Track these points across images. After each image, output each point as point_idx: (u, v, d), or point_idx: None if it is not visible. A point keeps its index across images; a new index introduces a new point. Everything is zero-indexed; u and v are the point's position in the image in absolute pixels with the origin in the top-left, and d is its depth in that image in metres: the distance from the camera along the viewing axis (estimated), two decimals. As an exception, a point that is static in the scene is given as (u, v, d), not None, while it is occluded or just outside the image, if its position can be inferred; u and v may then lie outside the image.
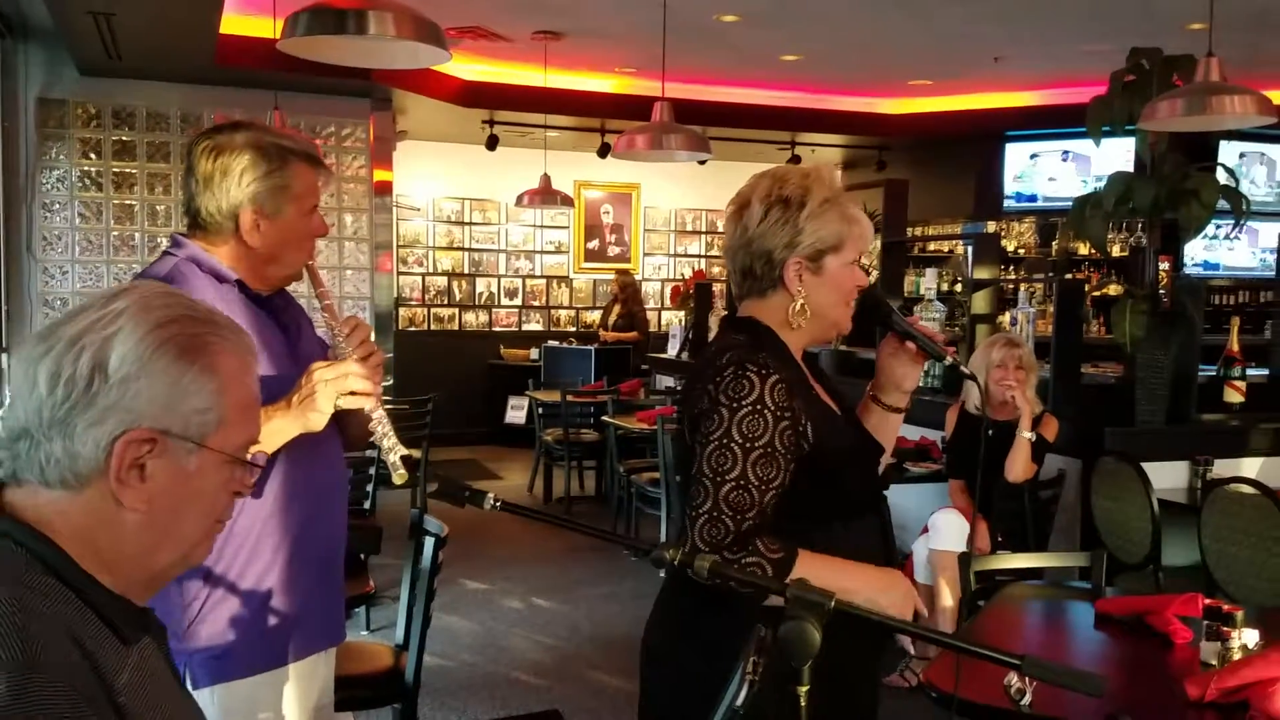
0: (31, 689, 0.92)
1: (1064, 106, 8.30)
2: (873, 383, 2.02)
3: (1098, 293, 8.56)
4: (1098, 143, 4.86)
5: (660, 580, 1.95)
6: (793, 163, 8.88)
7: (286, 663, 1.96)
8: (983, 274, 6.08)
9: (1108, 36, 6.50)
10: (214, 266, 1.92)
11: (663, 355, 9.09)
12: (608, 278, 11.13)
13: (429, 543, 3.08)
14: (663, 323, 11.29)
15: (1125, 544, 4.23)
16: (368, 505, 4.65)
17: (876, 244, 7.40)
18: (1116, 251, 8.42)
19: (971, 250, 6.30)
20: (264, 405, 1.44)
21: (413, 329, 10.63)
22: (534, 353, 10.61)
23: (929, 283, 6.60)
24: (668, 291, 11.41)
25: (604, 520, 7.22)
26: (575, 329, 11.29)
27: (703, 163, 7.31)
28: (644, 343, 10.18)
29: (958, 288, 8.82)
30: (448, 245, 10.84)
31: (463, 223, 10.87)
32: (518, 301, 11.20)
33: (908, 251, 8.95)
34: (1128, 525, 4.22)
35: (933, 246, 10.09)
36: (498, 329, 11.10)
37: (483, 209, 10.91)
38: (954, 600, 4.16)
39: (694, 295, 8.45)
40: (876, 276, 7.28)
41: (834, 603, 1.24)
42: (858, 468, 1.87)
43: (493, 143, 9.18)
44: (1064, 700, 2.09)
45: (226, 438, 1.11)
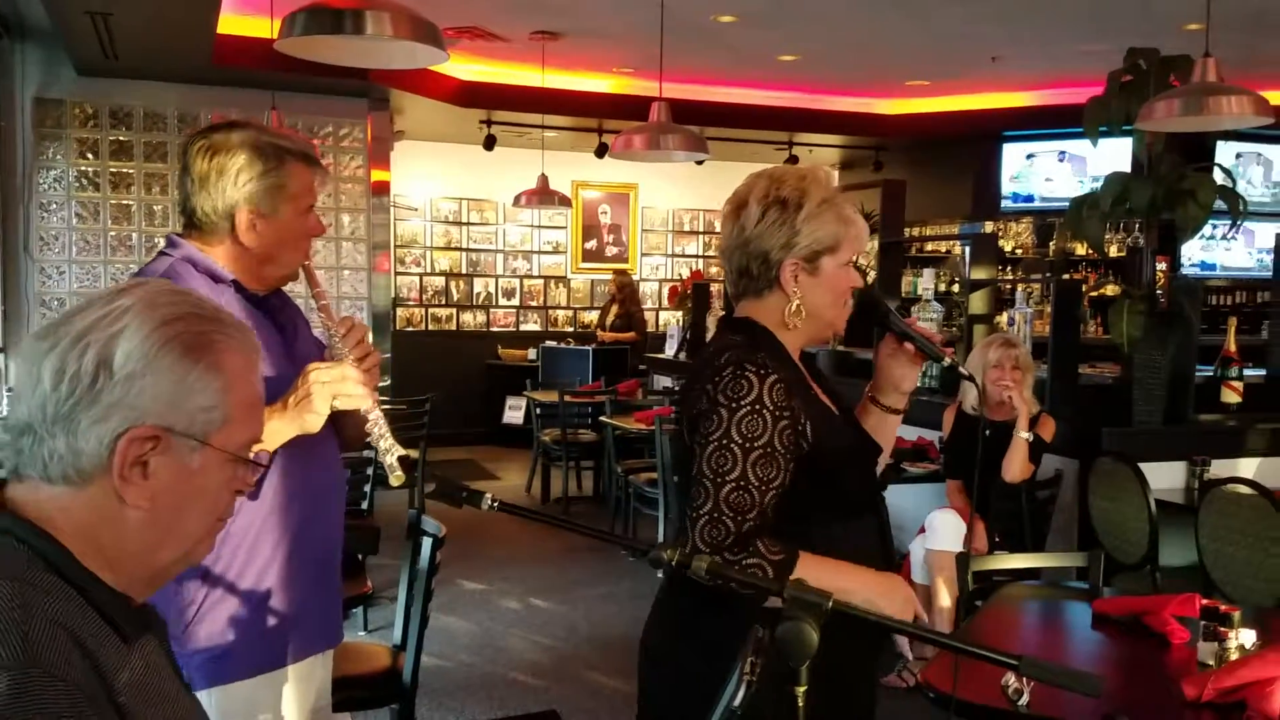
0: (31, 688, 0.92)
1: (1061, 107, 8.31)
2: (871, 384, 2.02)
3: (1095, 293, 8.55)
4: (1095, 143, 4.87)
5: (658, 580, 1.95)
6: (790, 163, 8.92)
7: (284, 664, 1.95)
8: (980, 274, 6.08)
9: (1105, 37, 6.50)
10: (210, 267, 1.92)
11: (660, 355, 9.09)
12: (605, 278, 11.14)
13: (427, 543, 3.08)
14: (660, 323, 11.29)
15: (1122, 544, 4.24)
16: (365, 505, 4.65)
17: (874, 244, 7.41)
18: (1114, 252, 8.41)
19: (969, 250, 6.30)
20: None
21: (410, 329, 10.62)
22: (532, 353, 10.61)
23: (926, 283, 6.61)
24: (665, 292, 11.40)
25: (602, 520, 7.21)
26: (573, 329, 11.29)
27: (700, 163, 7.32)
28: (642, 343, 10.18)
29: (955, 288, 8.82)
30: (445, 245, 10.84)
31: (460, 223, 10.87)
32: (515, 302, 11.20)
33: (905, 252, 8.95)
34: (1125, 525, 4.23)
35: (930, 247, 10.09)
36: (495, 329, 11.10)
37: (480, 209, 10.91)
38: (951, 600, 4.16)
39: (691, 295, 8.45)
40: (874, 277, 7.29)
41: (831, 603, 1.25)
42: (856, 468, 1.87)
43: (490, 143, 9.18)
44: (1061, 700, 2.10)
45: (230, 436, 1.11)
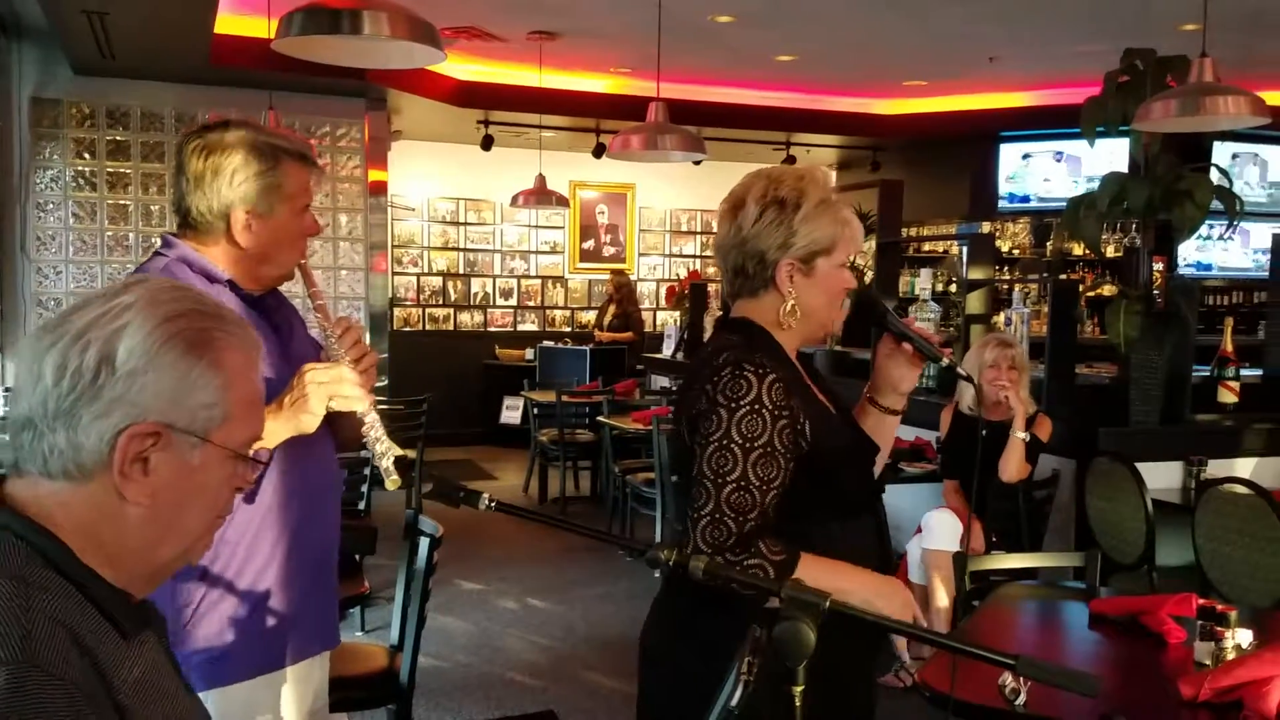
0: (30, 686, 0.92)
1: (1058, 107, 8.31)
2: (869, 385, 2.02)
3: (1092, 293, 8.56)
4: (1092, 143, 4.87)
5: (656, 580, 1.95)
6: (788, 163, 8.93)
7: (283, 666, 1.95)
8: (977, 274, 6.09)
9: (1102, 37, 6.51)
10: (205, 267, 1.91)
11: (658, 355, 9.09)
12: (603, 278, 11.14)
13: (424, 543, 3.08)
14: (658, 323, 11.29)
15: (1119, 544, 4.24)
16: (362, 506, 4.65)
17: (871, 244, 7.41)
18: (1110, 252, 8.44)
19: (966, 251, 6.30)
20: None
21: (408, 329, 10.62)
22: (529, 353, 10.61)
23: (924, 283, 6.61)
24: (663, 292, 11.40)
25: (599, 521, 7.21)
26: (570, 329, 11.28)
27: (698, 163, 7.32)
28: (639, 343, 10.19)
29: (952, 288, 8.83)
30: (443, 245, 10.83)
31: (458, 223, 10.87)
32: (513, 302, 11.19)
33: (902, 252, 8.95)
34: (1122, 525, 4.23)
35: (927, 247, 10.10)
36: (493, 329, 11.10)
37: (478, 209, 10.91)
38: (949, 600, 4.17)
39: (689, 295, 8.45)
40: (871, 277, 7.29)
41: (829, 603, 1.25)
42: (854, 467, 1.87)
43: (488, 143, 9.17)
44: (1058, 700, 2.10)
45: (230, 433, 1.11)
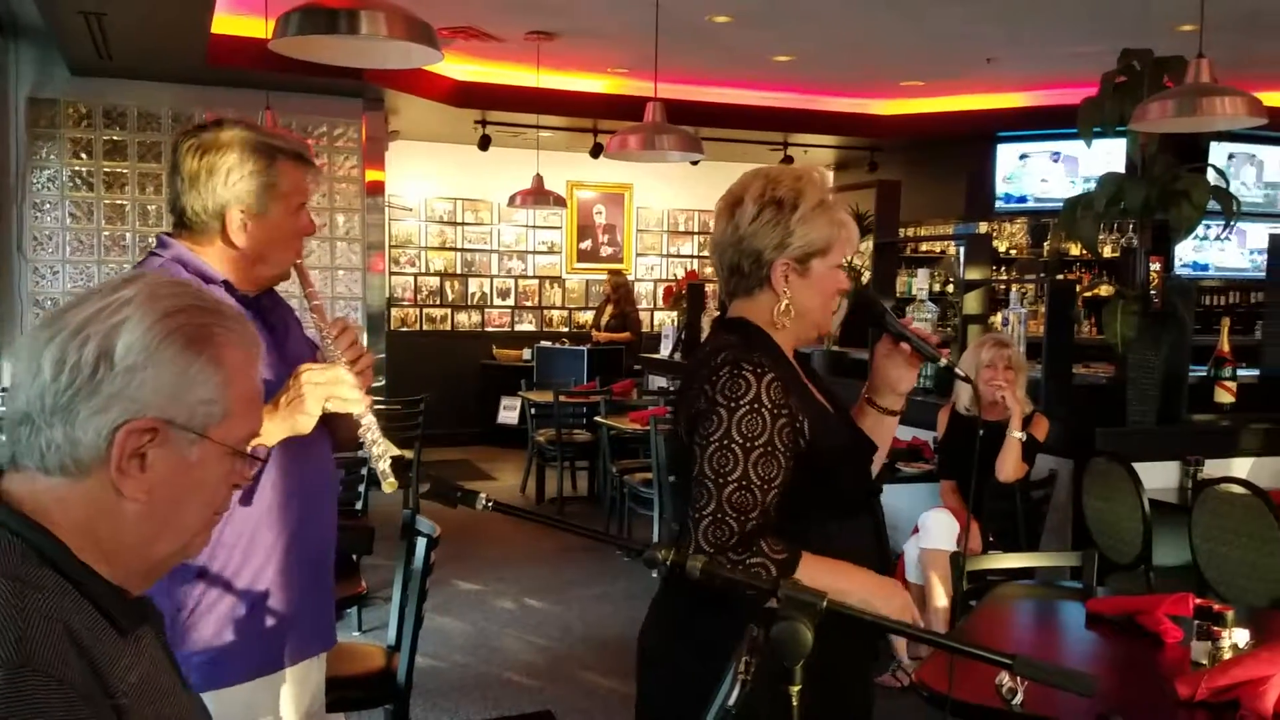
0: (26, 687, 0.92)
1: (1056, 107, 8.32)
2: (867, 385, 2.02)
3: (1089, 293, 8.58)
4: (1089, 144, 4.88)
5: (653, 580, 1.95)
6: (785, 163, 8.93)
7: (282, 667, 1.95)
8: (974, 275, 6.09)
9: (1099, 38, 6.52)
10: (200, 267, 1.90)
11: (655, 355, 9.09)
12: (600, 278, 11.14)
13: (421, 543, 3.08)
14: (655, 323, 11.29)
15: (1116, 544, 4.24)
16: (359, 506, 4.64)
17: (868, 245, 7.41)
18: (1108, 252, 8.44)
19: (963, 251, 6.30)
20: None
21: (405, 329, 10.61)
22: (526, 353, 10.60)
23: (921, 283, 6.62)
24: (660, 292, 11.40)
25: (596, 521, 7.21)
26: (568, 329, 11.28)
27: (695, 163, 7.33)
28: (637, 343, 10.18)
29: (950, 288, 8.84)
30: (440, 245, 10.83)
31: (455, 223, 10.86)
32: (510, 302, 11.19)
33: (900, 252, 8.96)
34: (1119, 525, 4.24)
35: (925, 247, 10.11)
36: (490, 329, 11.09)
37: (475, 209, 10.90)
38: (947, 599, 4.17)
39: (687, 296, 8.45)
40: (869, 277, 7.30)
41: (826, 603, 1.25)
42: (852, 466, 1.87)
43: (485, 143, 9.17)
44: (1055, 700, 2.10)
45: (229, 430, 1.11)
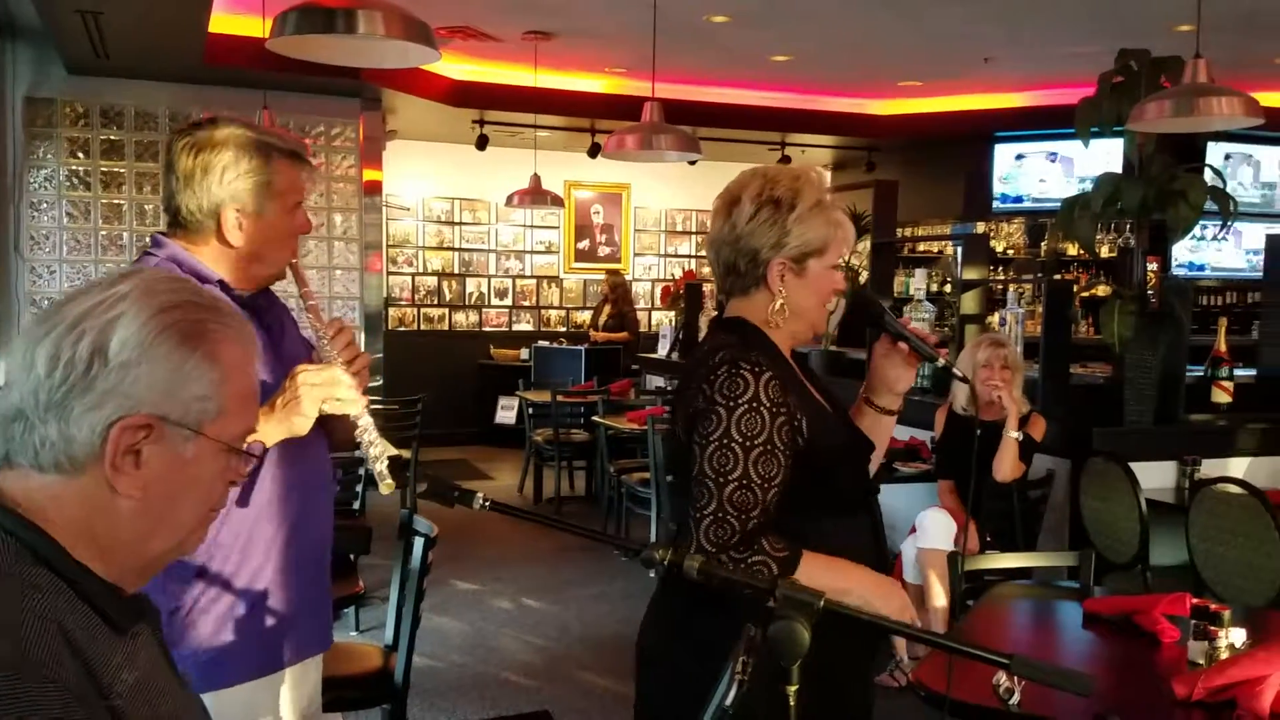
0: (21, 689, 0.91)
1: (1053, 108, 8.32)
2: (865, 384, 2.02)
3: (1086, 293, 8.58)
4: (1086, 144, 4.88)
5: (650, 580, 1.95)
6: (783, 163, 8.92)
7: (281, 667, 1.94)
8: (972, 274, 6.09)
9: (1097, 38, 6.52)
10: (194, 267, 1.89)
11: (653, 355, 9.10)
12: (598, 278, 11.13)
13: (418, 543, 3.08)
14: (653, 323, 11.29)
15: (1113, 544, 4.25)
16: (357, 506, 4.64)
17: (866, 244, 7.41)
18: (1105, 252, 8.45)
19: (961, 251, 6.31)
20: None
21: (402, 329, 10.61)
22: (524, 353, 10.60)
23: (918, 283, 6.62)
24: (658, 292, 11.39)
25: (594, 520, 7.21)
26: (565, 329, 11.28)
27: (693, 163, 7.33)
28: (634, 343, 10.18)
29: (947, 288, 8.85)
30: (437, 245, 10.82)
31: (452, 223, 10.86)
32: (508, 302, 11.19)
33: (897, 252, 8.96)
34: (1116, 525, 4.24)
35: (922, 247, 10.11)
36: (488, 329, 11.09)
37: (473, 209, 10.90)
38: (946, 599, 4.17)
39: (684, 295, 8.45)
40: (867, 277, 7.30)
41: (823, 602, 1.25)
42: (850, 465, 1.88)
43: (483, 142, 9.17)
44: (1053, 699, 2.10)
45: (224, 426, 1.10)
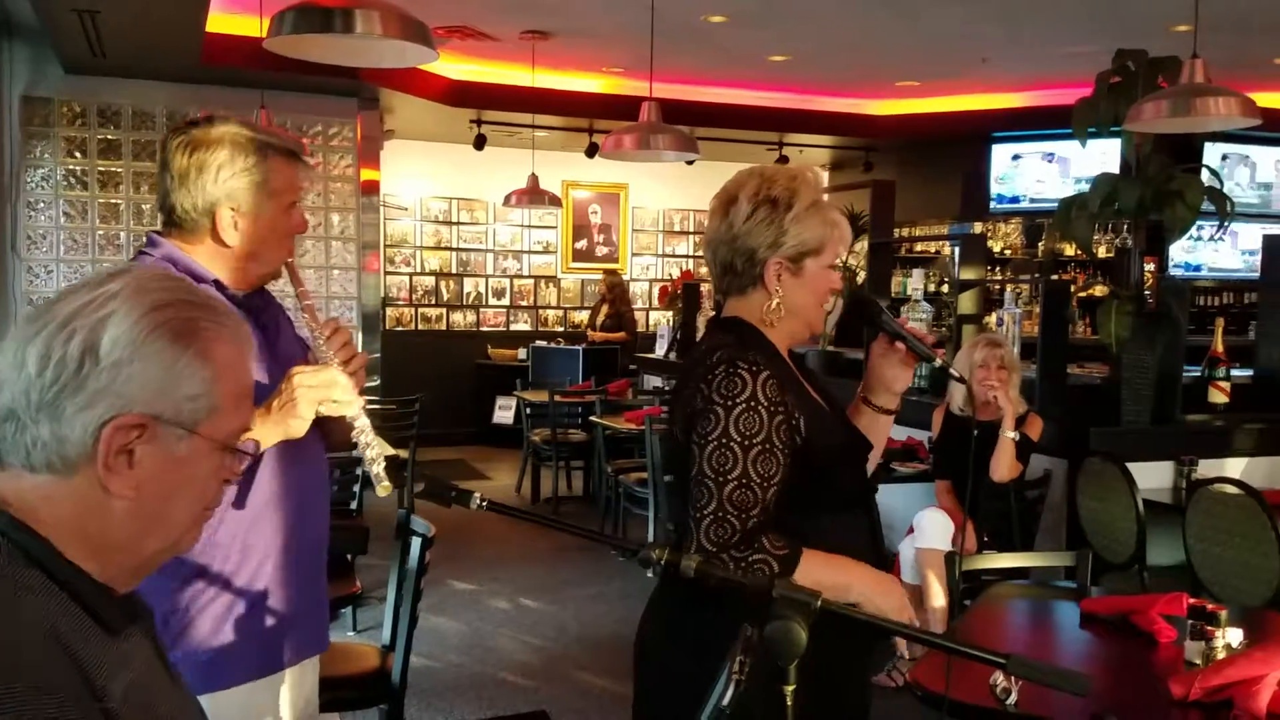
0: (14, 693, 0.91)
1: (1050, 108, 8.33)
2: (863, 384, 2.03)
3: (1083, 293, 8.60)
4: (1083, 144, 4.88)
5: (648, 580, 1.95)
6: (780, 163, 8.92)
7: (280, 668, 1.94)
8: (969, 275, 6.09)
9: (1094, 38, 6.53)
10: (190, 266, 1.88)
11: (651, 355, 9.10)
12: (596, 278, 11.13)
13: (416, 543, 3.08)
14: (651, 323, 11.29)
15: (1110, 544, 4.25)
16: (354, 506, 4.64)
17: (863, 245, 7.41)
18: (1102, 253, 8.46)
19: (958, 251, 6.31)
20: None
21: (400, 329, 10.60)
22: (522, 353, 10.60)
23: (916, 283, 6.63)
24: (656, 292, 11.40)
25: (592, 520, 7.21)
26: (563, 329, 11.28)
27: (690, 163, 7.31)
28: (632, 343, 10.18)
29: (944, 288, 8.85)
30: (435, 245, 10.82)
31: (450, 222, 10.85)
32: (505, 301, 11.18)
33: (895, 252, 8.97)
34: (1113, 525, 4.24)
35: (919, 247, 10.12)
36: (485, 329, 11.08)
37: (470, 209, 10.89)
38: (945, 599, 4.17)
39: (682, 295, 8.45)
40: (864, 277, 7.30)
41: (820, 602, 1.25)
42: (848, 464, 1.88)
43: (480, 142, 9.16)
44: (1050, 699, 2.10)
45: (218, 425, 1.09)
